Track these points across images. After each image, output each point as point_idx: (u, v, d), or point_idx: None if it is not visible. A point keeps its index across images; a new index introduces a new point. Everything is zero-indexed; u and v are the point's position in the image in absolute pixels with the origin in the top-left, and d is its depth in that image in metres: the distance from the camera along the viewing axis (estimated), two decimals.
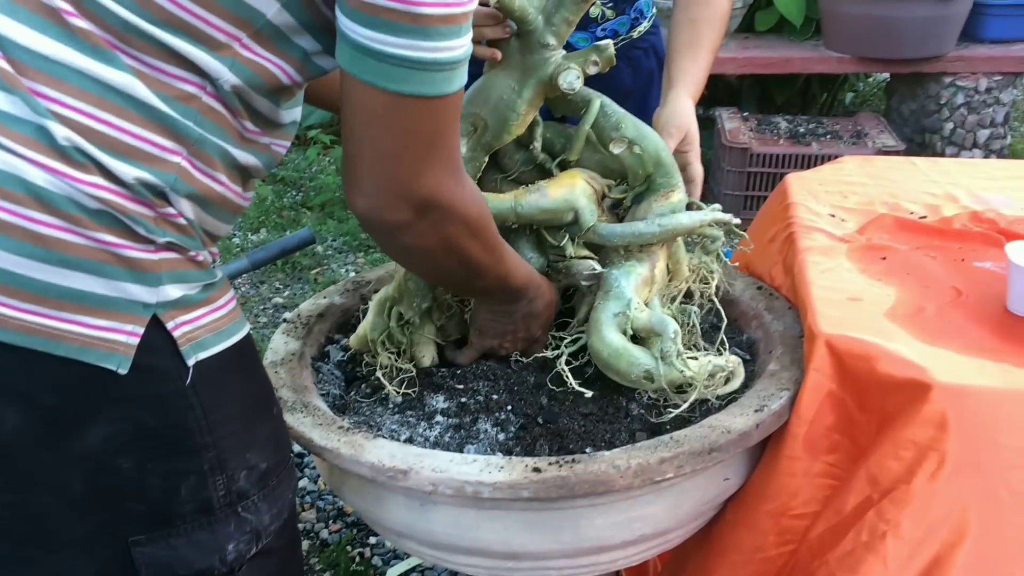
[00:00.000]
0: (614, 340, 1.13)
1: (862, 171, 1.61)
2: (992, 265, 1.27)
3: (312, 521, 2.06)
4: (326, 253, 3.33)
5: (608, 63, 1.16)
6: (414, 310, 1.22)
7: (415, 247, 0.96)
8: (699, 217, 1.19)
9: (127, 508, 0.87)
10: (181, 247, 0.87)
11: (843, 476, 1.11)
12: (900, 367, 1.03)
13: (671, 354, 1.09)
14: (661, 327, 1.12)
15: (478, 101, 1.19)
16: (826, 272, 1.26)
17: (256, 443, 0.94)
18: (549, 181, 1.21)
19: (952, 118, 3.64)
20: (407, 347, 1.24)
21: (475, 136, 1.19)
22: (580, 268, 1.22)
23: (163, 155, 0.84)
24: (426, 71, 0.83)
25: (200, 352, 0.87)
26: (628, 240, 1.19)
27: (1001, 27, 3.59)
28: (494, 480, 1.00)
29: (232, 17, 0.83)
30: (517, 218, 1.19)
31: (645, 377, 1.11)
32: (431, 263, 1.02)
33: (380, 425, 1.15)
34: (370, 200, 0.89)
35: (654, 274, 1.20)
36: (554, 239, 1.22)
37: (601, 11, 1.53)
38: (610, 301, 1.16)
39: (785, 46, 3.63)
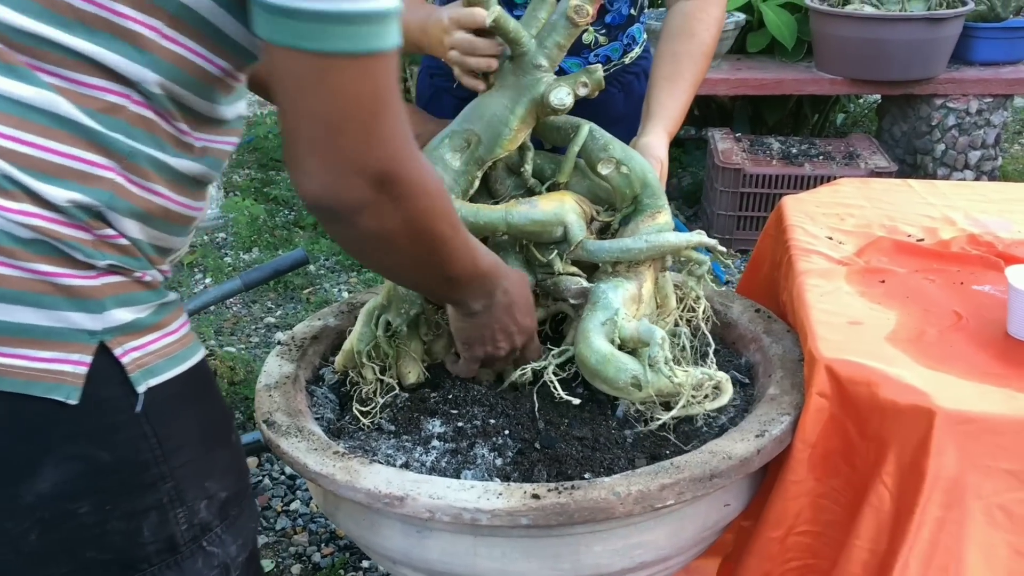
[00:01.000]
0: (601, 347, 1.12)
1: (859, 193, 1.61)
2: (991, 289, 1.26)
3: (304, 544, 2.04)
4: (318, 273, 3.31)
5: (597, 86, 1.18)
6: (402, 316, 1.21)
7: (377, 231, 0.85)
8: (686, 237, 1.20)
9: (89, 558, 0.84)
10: (125, 269, 0.83)
11: (844, 502, 1.10)
12: (902, 393, 1.02)
13: (659, 360, 1.08)
14: (648, 335, 1.11)
15: (472, 118, 1.21)
16: (825, 295, 1.25)
17: (215, 471, 0.91)
18: (540, 197, 1.22)
19: (943, 139, 3.66)
20: (392, 361, 1.23)
21: (468, 150, 1.20)
22: (568, 284, 1.22)
23: (95, 172, 0.79)
24: (350, 25, 0.75)
25: (151, 379, 0.84)
26: (616, 256, 1.19)
27: (991, 50, 3.62)
28: (492, 507, 0.99)
29: (141, 3, 0.78)
30: (508, 228, 1.19)
31: (632, 384, 1.10)
32: (398, 252, 0.91)
33: (376, 450, 1.14)
34: (319, 181, 0.80)
35: (641, 293, 1.20)
36: (542, 255, 1.22)
37: (594, 38, 1.54)
38: (597, 311, 1.16)
39: (777, 68, 3.64)
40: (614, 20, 1.55)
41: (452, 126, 1.23)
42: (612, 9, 1.53)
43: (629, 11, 1.55)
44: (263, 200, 3.85)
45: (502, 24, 1.15)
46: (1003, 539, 0.97)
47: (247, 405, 2.41)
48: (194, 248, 3.48)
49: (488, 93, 1.22)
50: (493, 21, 1.14)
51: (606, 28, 1.55)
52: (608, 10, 1.54)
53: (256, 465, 2.29)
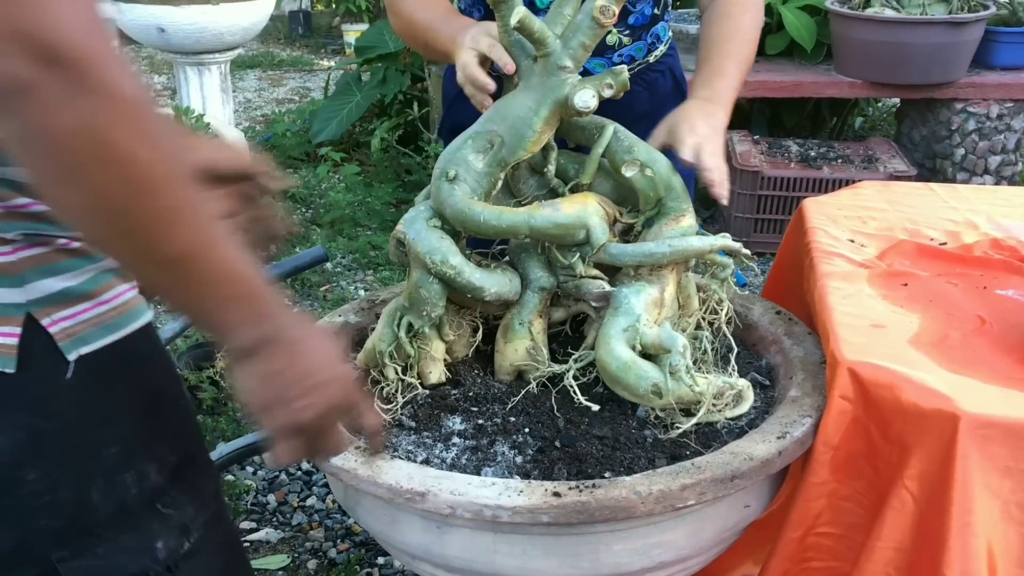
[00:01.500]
0: (622, 353, 1.12)
1: (880, 196, 1.61)
2: (1015, 293, 1.26)
3: (320, 540, 2.04)
4: (335, 270, 3.33)
5: (623, 88, 1.17)
6: (424, 319, 1.21)
7: (44, 130, 0.65)
8: (710, 241, 1.19)
9: (43, 525, 0.84)
10: (45, 237, 0.80)
11: (868, 505, 1.09)
12: (925, 396, 1.01)
13: (680, 368, 1.09)
14: (670, 342, 1.11)
15: (496, 119, 1.21)
16: (848, 298, 1.25)
17: (163, 436, 0.91)
18: (562, 199, 1.22)
19: (963, 144, 3.63)
20: (415, 361, 1.23)
21: (492, 151, 1.20)
22: (590, 287, 1.21)
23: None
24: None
25: (82, 347, 0.83)
26: (639, 260, 1.19)
27: (1013, 54, 3.59)
28: (513, 504, 0.99)
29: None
30: (530, 231, 1.19)
31: (653, 391, 1.10)
32: (79, 176, 0.67)
33: (396, 446, 1.14)
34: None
35: (663, 297, 1.19)
36: (564, 258, 1.22)
37: (618, 39, 1.55)
38: (619, 316, 1.16)
39: (796, 70, 3.63)
40: (637, 21, 1.55)
41: (475, 127, 1.23)
42: (635, 10, 1.53)
43: (652, 11, 1.55)
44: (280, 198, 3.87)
45: (527, 25, 1.14)
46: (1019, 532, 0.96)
47: None
48: None
49: (512, 93, 1.22)
50: (518, 22, 1.13)
51: (629, 29, 1.56)
52: (631, 11, 1.54)
53: None
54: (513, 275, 1.26)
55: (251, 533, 2.06)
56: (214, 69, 3.50)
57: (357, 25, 5.94)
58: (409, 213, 1.25)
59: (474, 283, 1.19)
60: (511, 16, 1.14)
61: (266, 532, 2.06)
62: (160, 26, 3.25)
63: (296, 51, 6.74)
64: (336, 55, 6.49)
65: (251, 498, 2.16)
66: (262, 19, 3.48)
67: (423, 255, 1.19)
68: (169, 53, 3.48)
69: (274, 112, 5.01)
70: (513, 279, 1.25)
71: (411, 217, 1.24)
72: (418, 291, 1.21)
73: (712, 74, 1.40)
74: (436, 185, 1.21)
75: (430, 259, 1.18)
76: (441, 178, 1.20)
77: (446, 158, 1.22)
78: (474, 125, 1.24)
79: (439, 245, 1.19)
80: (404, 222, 1.24)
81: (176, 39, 3.30)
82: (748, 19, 1.46)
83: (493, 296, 1.21)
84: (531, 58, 1.20)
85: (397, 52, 4.20)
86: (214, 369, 2.43)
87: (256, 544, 2.03)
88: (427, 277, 1.20)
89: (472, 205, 1.18)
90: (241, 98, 5.54)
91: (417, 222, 1.22)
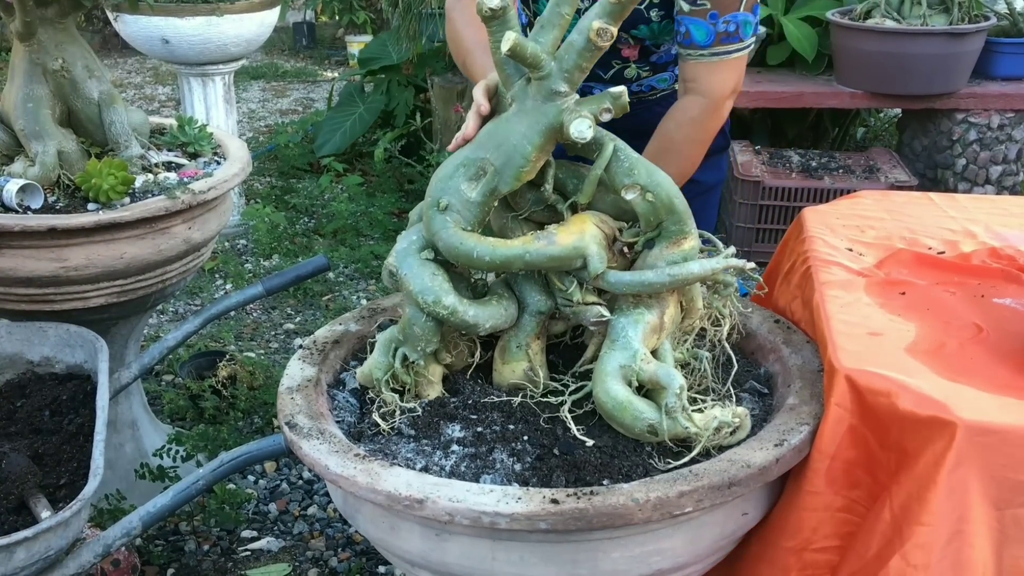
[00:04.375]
0: (618, 392, 1.11)
1: (879, 206, 1.61)
2: (1012, 302, 1.26)
3: (321, 549, 2.05)
4: (337, 280, 3.34)
5: (622, 110, 1.13)
6: (418, 353, 1.21)
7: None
8: (710, 266, 1.16)
9: None
10: None
11: (865, 513, 1.10)
12: (922, 404, 1.02)
13: (676, 410, 1.08)
14: (667, 380, 1.10)
15: (488, 145, 1.17)
16: (845, 306, 1.25)
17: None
18: (559, 226, 1.19)
19: (964, 154, 3.64)
20: (411, 387, 1.23)
21: (484, 180, 1.17)
22: (588, 314, 1.20)
23: None
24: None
25: None
26: (636, 289, 1.16)
27: (1013, 65, 3.60)
28: (511, 511, 1.00)
29: None
30: (525, 265, 1.17)
31: (649, 431, 1.10)
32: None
33: (396, 453, 1.15)
34: None
35: (663, 321, 1.18)
36: (562, 284, 1.20)
37: (637, 73, 1.55)
38: (616, 351, 1.14)
39: (797, 81, 3.64)
40: (660, 60, 1.55)
41: (467, 151, 1.19)
42: (659, 51, 1.53)
43: (678, 51, 1.52)
44: (283, 208, 3.88)
45: (519, 51, 1.09)
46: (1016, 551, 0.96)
47: (266, 410, 2.43)
48: (215, 254, 3.51)
49: (506, 116, 1.18)
50: (510, 48, 1.09)
51: (651, 66, 1.56)
52: (653, 52, 1.53)
53: (274, 469, 2.31)
54: (509, 303, 1.23)
55: (252, 542, 2.06)
56: (218, 80, 3.52)
57: (361, 37, 5.97)
58: (401, 243, 1.22)
59: (468, 321, 1.18)
60: (503, 42, 1.09)
61: (267, 541, 2.06)
62: (164, 37, 3.27)
63: (300, 62, 6.78)
64: (340, 66, 6.52)
65: (252, 507, 2.17)
66: (266, 30, 3.50)
67: (415, 295, 1.17)
68: (173, 64, 3.49)
69: (277, 123, 5.03)
70: (509, 307, 1.23)
71: (403, 249, 1.21)
72: (412, 328, 1.20)
73: None
74: (428, 215, 1.19)
75: (423, 299, 1.17)
76: (433, 207, 1.18)
77: (438, 186, 1.19)
78: (465, 150, 1.20)
79: (431, 284, 1.17)
80: (397, 255, 1.21)
81: (180, 50, 3.32)
82: (680, 136, 1.45)
83: (489, 330, 1.21)
84: (525, 78, 1.16)
85: (400, 64, 4.22)
86: (216, 378, 2.43)
87: (257, 553, 2.03)
88: (420, 315, 1.18)
89: (465, 240, 1.15)
90: (245, 108, 5.57)
91: (409, 256, 1.20)
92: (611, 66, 1.59)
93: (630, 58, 1.57)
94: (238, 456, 1.48)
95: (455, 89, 3.88)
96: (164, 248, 1.81)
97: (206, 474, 1.45)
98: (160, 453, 2.07)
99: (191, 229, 1.85)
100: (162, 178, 1.87)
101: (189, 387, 2.43)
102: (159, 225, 1.79)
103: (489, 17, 1.13)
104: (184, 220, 1.83)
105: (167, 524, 2.07)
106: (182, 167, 1.96)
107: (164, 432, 2.22)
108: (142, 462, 2.06)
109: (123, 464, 2.10)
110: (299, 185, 4.15)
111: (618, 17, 1.10)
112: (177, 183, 1.84)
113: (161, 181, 1.86)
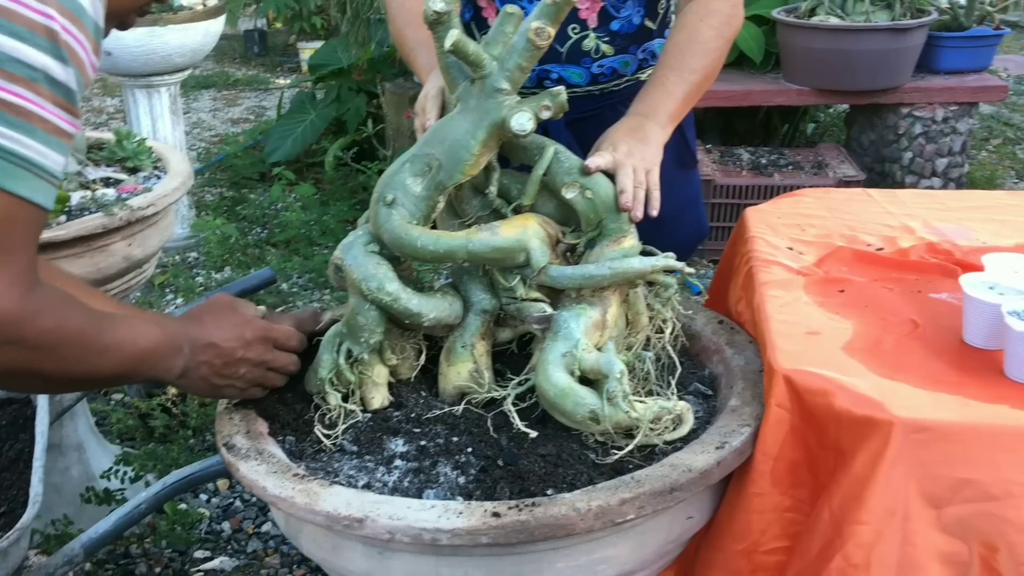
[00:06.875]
0: (560, 380, 1.12)
1: (820, 203, 1.63)
2: (948, 296, 1.28)
3: (276, 567, 2.02)
4: (291, 290, 3.30)
5: (560, 109, 1.15)
6: (363, 345, 1.20)
7: (5, 369, 0.93)
8: (651, 262, 1.18)
9: None
10: None
11: (809, 512, 1.10)
12: (857, 403, 1.02)
13: (617, 395, 1.08)
14: (608, 367, 1.11)
15: (433, 142, 1.20)
16: (785, 306, 1.26)
17: None
18: (502, 222, 1.21)
19: (911, 147, 3.70)
20: (356, 387, 1.22)
21: (430, 175, 1.19)
22: (531, 310, 1.21)
23: None
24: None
25: None
26: (579, 283, 1.18)
27: (955, 58, 3.67)
28: (452, 526, 0.98)
29: None
30: (468, 256, 1.18)
31: (590, 418, 1.10)
32: (37, 383, 1.03)
33: (337, 471, 1.13)
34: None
35: (606, 319, 1.19)
36: (506, 280, 1.22)
37: (596, 44, 1.48)
38: (558, 341, 1.15)
39: (746, 79, 3.68)
40: (623, 28, 1.48)
41: (413, 150, 1.22)
42: (619, 16, 1.46)
43: (642, 21, 1.49)
44: (234, 219, 3.83)
45: (461, 48, 1.13)
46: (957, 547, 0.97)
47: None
48: (165, 268, 3.46)
49: (451, 116, 1.21)
50: (452, 45, 1.12)
51: (610, 35, 1.49)
52: (614, 16, 1.47)
53: (227, 487, 2.27)
54: (454, 299, 1.25)
55: (205, 562, 2.03)
56: (164, 91, 3.46)
57: (313, 43, 5.92)
58: (347, 238, 1.24)
59: (411, 309, 1.19)
60: (446, 39, 1.13)
61: (220, 561, 2.03)
62: (106, 49, 3.21)
63: (252, 70, 6.70)
64: (292, 73, 6.46)
65: (205, 526, 2.13)
66: (211, 39, 3.45)
67: (359, 282, 1.18)
68: (117, 76, 3.43)
69: (228, 133, 4.97)
70: (454, 303, 1.24)
71: (349, 243, 1.23)
72: (356, 318, 1.20)
73: (652, 88, 1.36)
74: (374, 209, 1.21)
75: (366, 286, 1.18)
76: (379, 202, 1.20)
77: (384, 182, 1.21)
78: (412, 148, 1.23)
79: (375, 272, 1.18)
80: (342, 247, 1.23)
81: (123, 62, 3.26)
82: (706, 27, 1.37)
83: (432, 321, 1.21)
84: (469, 80, 1.19)
85: (350, 69, 4.19)
86: (165, 396, 2.39)
87: (211, 573, 2.00)
88: (364, 304, 1.19)
89: (409, 230, 1.17)
90: (195, 118, 5.50)
91: (355, 247, 1.21)
92: (568, 36, 1.50)
93: (588, 22, 1.49)
94: (182, 477, 1.46)
95: (407, 94, 3.86)
96: (104, 266, 1.78)
97: (149, 497, 1.42)
98: (108, 475, 2.03)
99: (131, 246, 1.82)
100: (100, 194, 1.83)
101: (138, 406, 2.39)
102: (97, 243, 1.75)
103: (434, 21, 1.15)
104: (123, 237, 1.80)
105: (117, 547, 2.03)
106: (121, 183, 1.92)
107: (112, 453, 2.18)
108: (89, 485, 2.02)
109: (70, 488, 2.05)
110: (251, 195, 4.10)
111: (555, 18, 1.12)
112: (115, 199, 1.81)
113: (99, 198, 1.82)
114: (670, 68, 1.37)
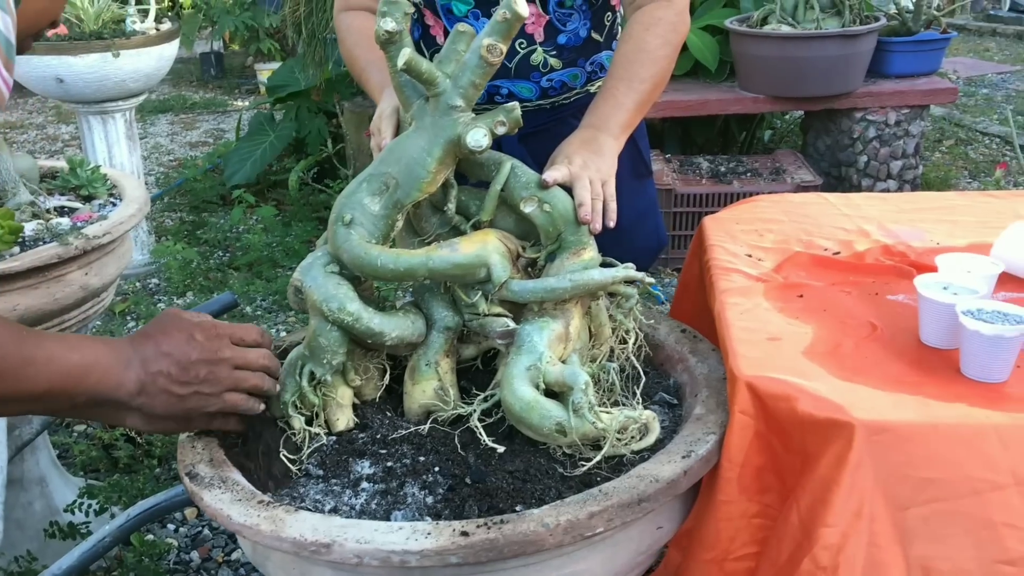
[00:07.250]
0: (525, 393, 1.12)
1: (777, 208, 1.65)
2: (905, 298, 1.29)
3: None
4: (255, 314, 3.27)
5: (515, 124, 1.16)
6: (325, 367, 1.19)
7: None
8: (610, 274, 1.19)
9: None
10: None
11: (777, 516, 1.11)
12: (819, 406, 1.03)
13: (583, 406, 1.09)
14: (573, 379, 1.11)
15: (390, 160, 1.20)
16: (745, 313, 1.27)
17: None
18: (462, 238, 1.21)
19: (865, 151, 3.76)
20: (320, 409, 1.21)
21: (387, 193, 1.19)
22: (494, 326, 1.21)
23: None
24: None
25: None
26: (540, 296, 1.18)
27: (905, 63, 3.75)
28: (421, 548, 0.98)
29: None
30: (429, 273, 1.18)
31: (557, 430, 1.10)
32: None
33: (304, 496, 1.12)
34: None
35: (569, 331, 1.19)
36: (467, 296, 1.22)
37: (544, 58, 1.48)
38: (522, 355, 1.15)
39: (702, 89, 3.72)
40: (570, 41, 1.48)
41: (370, 169, 1.21)
42: (566, 29, 1.47)
43: (588, 34, 1.49)
44: (195, 243, 3.79)
45: (414, 67, 1.13)
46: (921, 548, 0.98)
47: None
48: (126, 296, 3.41)
49: (406, 134, 1.21)
50: (405, 63, 1.12)
51: (557, 49, 1.49)
52: (560, 29, 1.47)
53: (195, 516, 2.24)
54: (416, 317, 1.24)
55: None
56: (118, 117, 3.42)
57: (270, 64, 5.90)
58: (306, 259, 1.24)
59: (373, 329, 1.18)
60: (398, 58, 1.13)
61: None
62: (58, 76, 3.17)
63: (209, 93, 6.66)
64: (250, 95, 6.43)
65: (174, 557, 2.09)
66: (166, 63, 3.42)
67: (320, 303, 1.17)
68: (70, 103, 3.39)
69: (187, 156, 4.92)
70: (416, 321, 1.24)
71: (308, 264, 1.22)
72: (317, 339, 1.19)
73: (602, 100, 1.37)
74: (332, 230, 1.20)
75: (327, 307, 1.17)
76: (337, 222, 1.19)
77: (342, 202, 1.21)
78: (369, 167, 1.22)
79: (336, 292, 1.17)
80: (301, 269, 1.22)
81: (76, 88, 3.22)
82: (652, 36, 1.38)
83: (395, 340, 1.20)
84: (423, 98, 1.19)
85: (308, 90, 4.17)
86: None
87: None
88: (325, 325, 1.18)
89: (369, 250, 1.17)
90: (153, 143, 5.44)
91: (314, 269, 1.21)
92: (516, 51, 1.50)
93: (535, 36, 1.49)
94: (148, 508, 1.43)
95: (366, 113, 3.86)
96: (60, 296, 1.74)
97: (114, 529, 1.39)
98: (72, 508, 1.99)
99: (88, 275, 1.79)
100: (54, 224, 1.80)
101: (101, 436, 2.35)
102: (53, 273, 1.72)
103: (386, 41, 1.15)
104: (80, 266, 1.77)
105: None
106: (75, 211, 1.89)
107: (76, 486, 2.13)
108: (52, 520, 1.97)
109: (33, 523, 2.01)
110: (211, 219, 4.06)
111: (507, 35, 1.13)
112: (70, 228, 1.78)
113: (53, 227, 1.79)
114: (619, 79, 1.38)
